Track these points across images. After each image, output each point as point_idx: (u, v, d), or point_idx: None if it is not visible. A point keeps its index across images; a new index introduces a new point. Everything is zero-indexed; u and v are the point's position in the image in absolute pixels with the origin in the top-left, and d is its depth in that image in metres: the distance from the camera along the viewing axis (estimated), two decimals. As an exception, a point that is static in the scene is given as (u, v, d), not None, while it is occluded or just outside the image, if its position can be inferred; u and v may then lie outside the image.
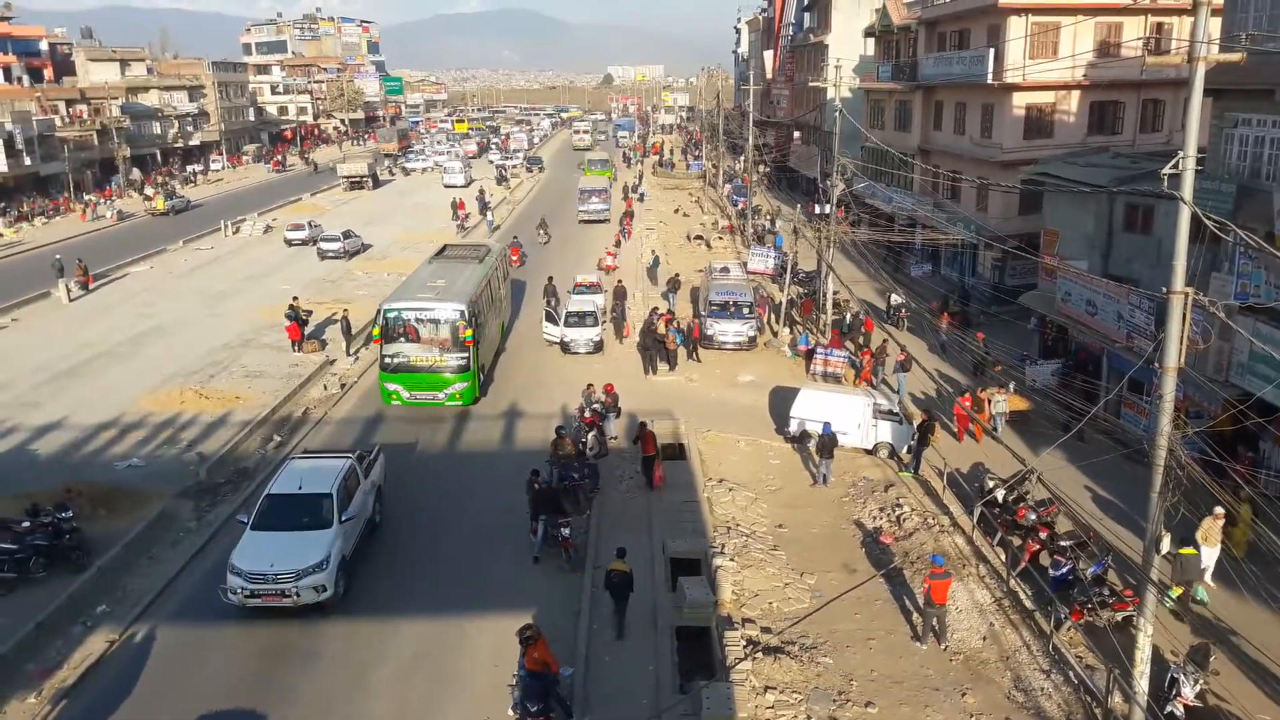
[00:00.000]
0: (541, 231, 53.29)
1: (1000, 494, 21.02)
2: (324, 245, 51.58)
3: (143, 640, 16.85)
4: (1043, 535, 19.62)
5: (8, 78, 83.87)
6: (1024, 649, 16.83)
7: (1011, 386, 27.10)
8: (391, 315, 26.65)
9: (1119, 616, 16.87)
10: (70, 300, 41.96)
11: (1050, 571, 18.39)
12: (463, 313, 26.38)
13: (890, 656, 16.90)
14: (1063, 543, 19.04)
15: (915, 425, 24.78)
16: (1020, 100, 37.01)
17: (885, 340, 30.75)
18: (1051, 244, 30.59)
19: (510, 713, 14.48)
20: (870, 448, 25.59)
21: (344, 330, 33.92)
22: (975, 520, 20.90)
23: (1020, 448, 24.83)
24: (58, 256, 45.73)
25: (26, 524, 18.83)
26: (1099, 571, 17.83)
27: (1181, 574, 17.49)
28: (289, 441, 25.76)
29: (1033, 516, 20.16)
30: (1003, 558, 19.59)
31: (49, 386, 30.32)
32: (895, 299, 35.88)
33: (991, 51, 36.64)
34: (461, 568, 19.30)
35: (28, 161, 70.10)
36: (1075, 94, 36.91)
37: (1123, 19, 36.03)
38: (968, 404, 26.75)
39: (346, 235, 52.20)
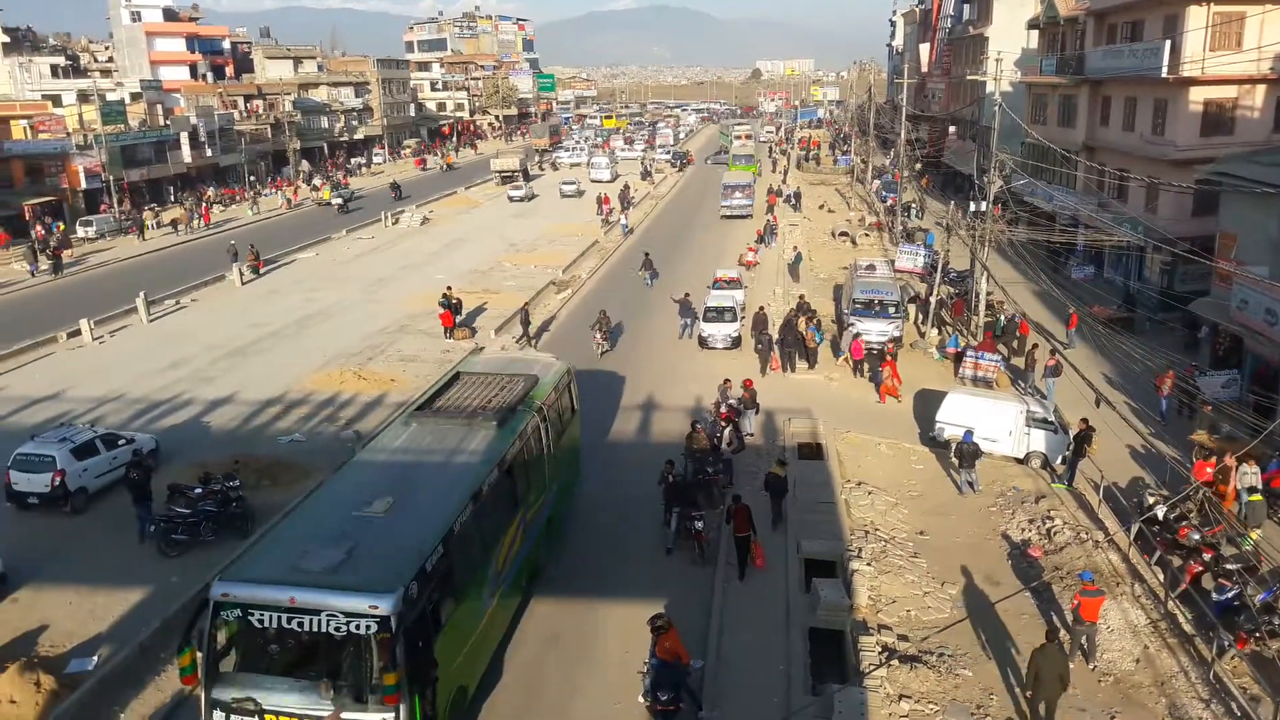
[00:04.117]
0: (646, 274, 43.14)
1: (1161, 511, 19.91)
2: (564, 187, 74.61)
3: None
4: (1206, 556, 18.43)
5: (194, 74, 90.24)
6: (1181, 675, 15.84)
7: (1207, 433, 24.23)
8: (232, 617, 12.32)
9: (1292, 648, 15.70)
10: (243, 283, 44.85)
11: (1214, 595, 17.27)
12: (387, 620, 11.85)
13: (1034, 673, 16.22)
14: (1229, 565, 17.85)
15: (1072, 435, 23.63)
16: (1198, 95, 34.75)
17: (1034, 345, 29.50)
18: (1228, 248, 28.64)
19: (641, 699, 14.64)
20: (1021, 457, 24.55)
21: (523, 323, 34.06)
22: (1133, 537, 19.80)
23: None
24: (232, 242, 49.05)
25: (199, 491, 20.22)
26: (1269, 598, 16.63)
27: (1253, 519, 20.12)
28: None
29: (1196, 536, 18.97)
30: (1161, 578, 18.51)
31: (223, 363, 32.49)
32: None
33: (1168, 43, 34.54)
34: (596, 554, 19.61)
35: (209, 153, 75.23)
36: (1260, 88, 34.34)
37: (1319, 7, 33.37)
38: (1211, 470, 21.69)
39: (575, 181, 75.98)
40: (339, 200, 68.93)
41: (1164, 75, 34.72)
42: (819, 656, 16.37)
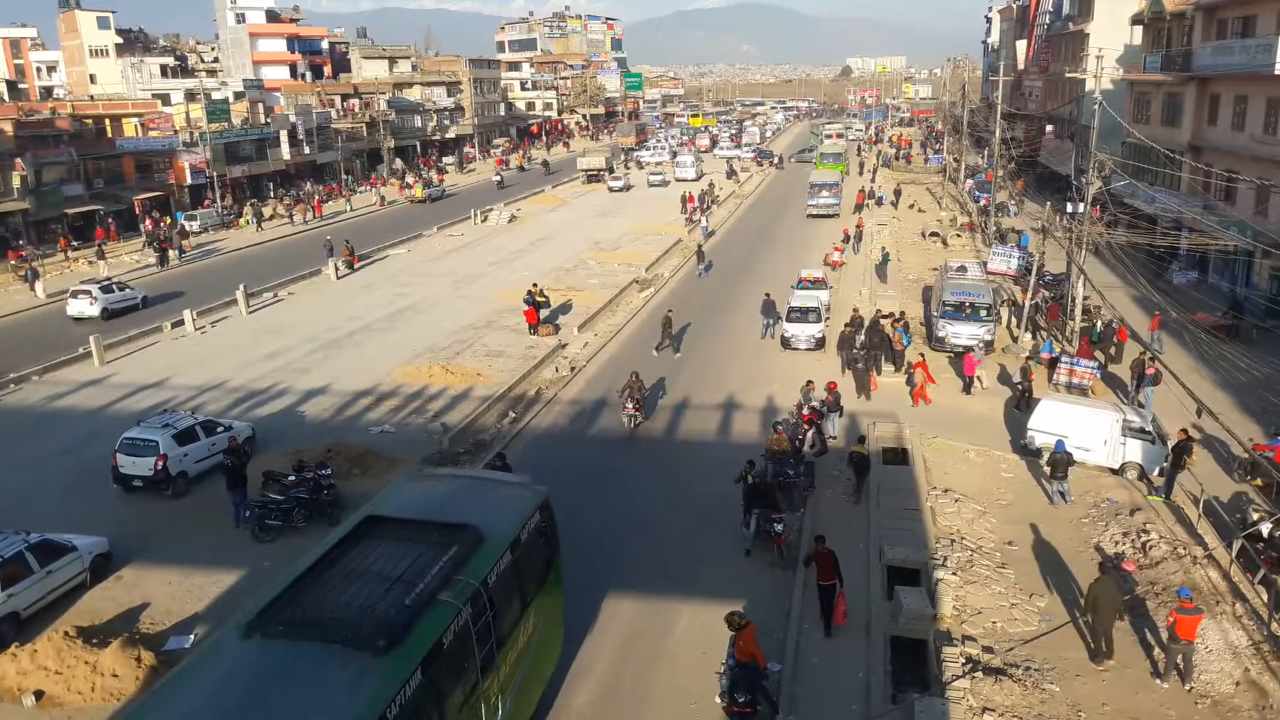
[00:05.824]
0: (700, 266, 45.65)
1: (1266, 528, 19.05)
2: (651, 177, 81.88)
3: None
4: (1316, 578, 17.56)
5: (293, 74, 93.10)
6: (1286, 701, 15.14)
7: None
8: None
9: (1407, 678, 14.85)
10: (338, 278, 46.12)
11: (1323, 619, 16.45)
12: None
13: (1125, 691, 15.67)
14: (1340, 588, 16.97)
15: (1170, 446, 22.74)
16: (1315, 93, 33.19)
17: (1143, 352, 28.45)
18: (1346, 253, 27.23)
19: (717, 700, 14.63)
20: (1117, 467, 23.72)
21: (664, 326, 33.27)
22: (1234, 554, 18.98)
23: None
24: (328, 238, 50.44)
25: (292, 478, 20.90)
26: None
27: None
28: (522, 419, 27.08)
29: (1305, 556, 18.09)
30: (1264, 598, 17.70)
31: (317, 354, 33.49)
32: None
33: (1282, 38, 33.04)
34: (675, 553, 19.60)
35: (307, 150, 77.44)
36: (1386, 85, 32.63)
37: None
38: None
39: (662, 172, 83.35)
40: (498, 178, 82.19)
41: (1277, 72, 33.20)
42: (900, 665, 16.10)
